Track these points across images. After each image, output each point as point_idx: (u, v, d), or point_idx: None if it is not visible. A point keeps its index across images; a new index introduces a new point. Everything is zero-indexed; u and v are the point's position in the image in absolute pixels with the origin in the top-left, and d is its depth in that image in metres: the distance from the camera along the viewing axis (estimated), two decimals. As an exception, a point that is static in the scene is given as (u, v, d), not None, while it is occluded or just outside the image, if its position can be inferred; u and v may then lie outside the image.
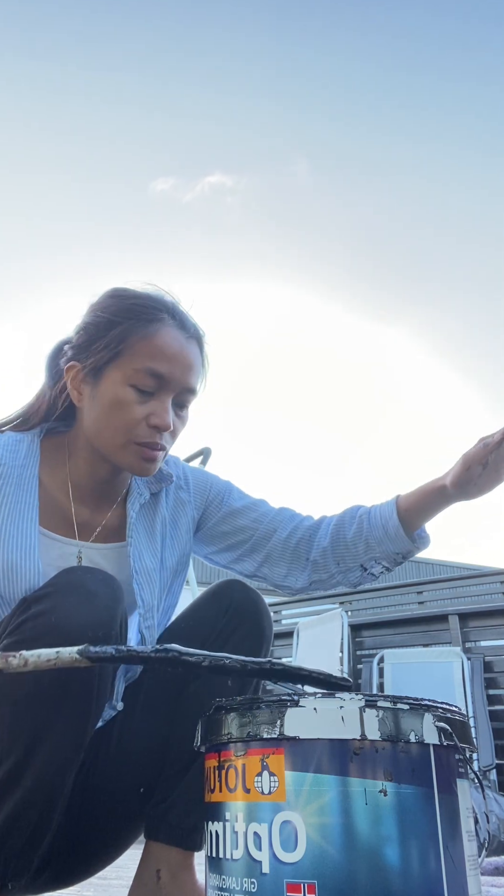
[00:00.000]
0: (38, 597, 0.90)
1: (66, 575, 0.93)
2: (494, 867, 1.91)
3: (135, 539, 1.12)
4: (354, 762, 0.70)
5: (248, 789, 0.74)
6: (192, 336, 1.09)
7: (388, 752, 0.71)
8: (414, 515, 1.13)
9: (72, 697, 0.85)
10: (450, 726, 0.75)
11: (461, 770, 0.76)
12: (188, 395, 1.08)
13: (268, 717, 0.74)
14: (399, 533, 1.13)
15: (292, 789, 0.71)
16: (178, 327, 1.07)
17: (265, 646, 1.11)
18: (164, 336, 1.04)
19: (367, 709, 0.72)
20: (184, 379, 1.06)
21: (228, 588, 1.13)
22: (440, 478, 1.10)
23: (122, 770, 1.06)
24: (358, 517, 1.18)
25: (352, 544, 1.17)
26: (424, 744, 0.72)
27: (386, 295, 32.41)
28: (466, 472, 1.04)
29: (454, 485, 1.06)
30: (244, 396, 25.07)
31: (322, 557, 1.18)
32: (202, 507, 1.23)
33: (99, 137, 26.58)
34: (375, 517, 1.16)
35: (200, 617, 1.12)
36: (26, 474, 1.05)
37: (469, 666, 4.32)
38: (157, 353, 1.03)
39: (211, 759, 0.81)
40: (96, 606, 0.88)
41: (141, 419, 1.03)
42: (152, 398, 1.04)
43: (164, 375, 1.03)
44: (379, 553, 1.15)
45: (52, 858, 0.96)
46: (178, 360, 1.04)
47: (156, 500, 1.19)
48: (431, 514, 1.14)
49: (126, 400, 1.02)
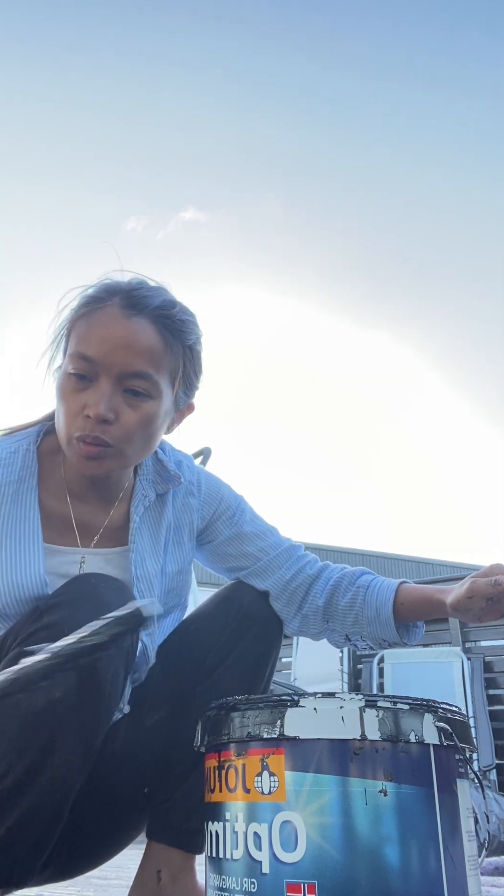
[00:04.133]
0: (51, 606, 0.89)
1: (79, 583, 0.91)
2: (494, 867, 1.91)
3: (137, 544, 1.08)
4: (354, 762, 0.70)
5: (248, 789, 0.74)
6: (144, 314, 0.97)
7: (389, 752, 0.71)
8: (408, 612, 1.11)
9: (84, 706, 0.85)
10: (450, 726, 0.75)
11: (461, 770, 0.76)
12: (134, 380, 0.95)
13: (268, 717, 0.74)
14: (390, 623, 1.10)
15: (292, 789, 0.71)
16: (124, 307, 0.97)
17: (274, 652, 1.10)
18: (98, 316, 0.96)
19: (367, 709, 0.72)
20: (121, 361, 0.94)
21: (238, 592, 1.12)
22: (443, 591, 1.06)
23: (126, 771, 1.06)
24: (356, 587, 1.14)
25: (342, 614, 1.14)
26: (424, 744, 0.72)
27: (363, 319, 32.79)
28: (469, 601, 1.00)
29: (454, 607, 1.03)
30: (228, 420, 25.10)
31: (314, 614, 1.16)
32: (208, 517, 1.18)
33: (70, 178, 26.86)
34: (372, 596, 1.12)
35: (208, 621, 1.11)
36: (23, 489, 1.02)
37: (469, 666, 4.32)
38: (88, 334, 0.95)
39: (211, 759, 0.81)
40: None
41: (78, 410, 0.94)
42: (90, 386, 0.95)
43: (93, 358, 0.94)
44: (366, 632, 1.13)
45: (54, 856, 0.96)
46: (111, 339, 0.94)
47: (162, 501, 1.14)
48: (425, 618, 1.12)
49: (65, 390, 0.96)
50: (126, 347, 0.95)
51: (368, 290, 32.85)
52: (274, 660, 1.11)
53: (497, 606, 1.00)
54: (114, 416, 0.94)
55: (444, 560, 17.06)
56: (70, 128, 25.37)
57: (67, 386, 0.96)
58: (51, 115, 25.20)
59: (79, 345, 0.95)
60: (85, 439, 0.94)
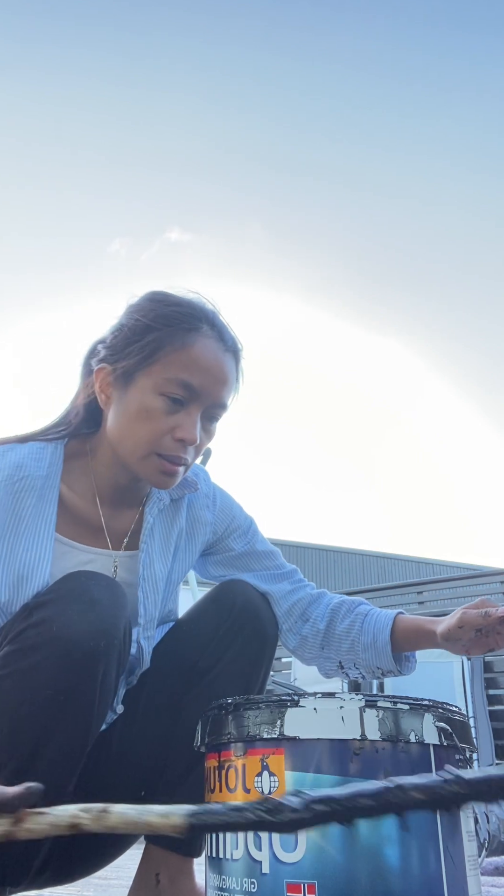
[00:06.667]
0: (40, 603, 0.89)
1: (69, 581, 0.91)
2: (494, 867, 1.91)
3: (148, 545, 1.09)
4: (354, 762, 0.70)
5: (248, 789, 0.74)
6: (230, 349, 1.05)
7: (389, 753, 0.71)
8: (403, 641, 1.12)
9: (74, 704, 0.85)
10: (450, 726, 0.75)
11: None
12: (218, 409, 1.04)
13: (268, 717, 0.74)
14: (386, 649, 1.11)
15: (292, 789, 0.71)
16: (216, 339, 1.03)
17: (268, 651, 1.10)
18: (200, 347, 1.01)
19: (367, 709, 0.72)
20: (216, 393, 1.02)
21: (230, 591, 1.11)
22: (434, 621, 1.09)
23: (122, 773, 1.05)
24: (354, 613, 1.16)
25: (338, 639, 1.15)
26: (424, 744, 0.72)
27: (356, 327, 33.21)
28: (459, 630, 1.03)
29: (443, 637, 1.05)
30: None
31: (313, 637, 1.17)
32: (220, 532, 1.20)
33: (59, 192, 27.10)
34: (370, 623, 1.13)
35: (201, 621, 1.10)
36: (48, 485, 1.03)
37: (469, 666, 4.32)
38: (191, 364, 0.99)
39: (211, 759, 0.81)
40: (99, 615, 0.86)
41: (167, 431, 0.99)
42: (181, 410, 1.00)
43: (195, 388, 0.99)
44: (361, 659, 1.13)
45: (51, 860, 0.96)
46: (212, 373, 1.01)
47: (176, 507, 1.15)
48: (417, 647, 1.13)
49: (154, 409, 0.99)
50: (222, 383, 1.03)
51: (357, 303, 33.74)
52: (269, 658, 1.10)
53: (485, 640, 1.03)
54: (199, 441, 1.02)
55: (444, 560, 17.05)
56: (57, 146, 25.73)
57: (158, 406, 0.99)
58: (38, 137, 25.59)
59: (182, 371, 0.99)
60: (173, 460, 1.00)
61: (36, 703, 0.82)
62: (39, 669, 0.83)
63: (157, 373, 0.99)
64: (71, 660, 0.83)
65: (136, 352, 1.01)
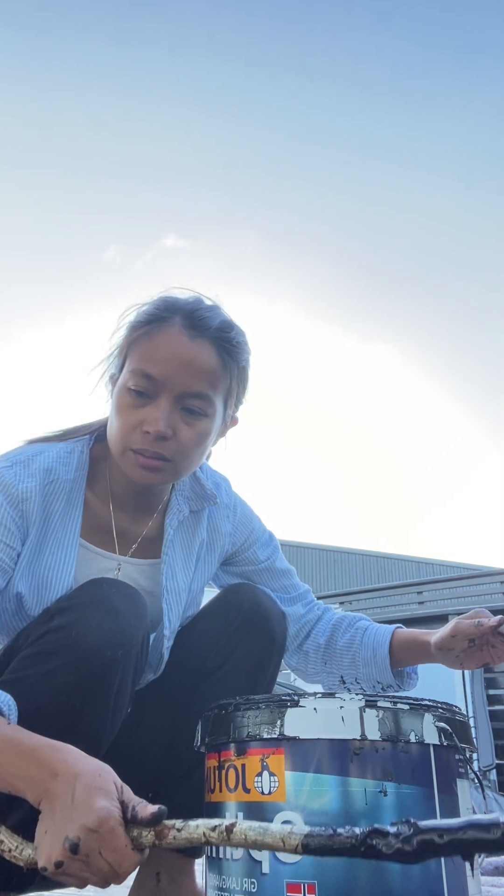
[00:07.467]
0: (61, 609, 0.89)
1: (91, 588, 0.91)
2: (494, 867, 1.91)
3: (170, 556, 1.09)
4: (354, 762, 0.70)
5: (248, 789, 0.74)
6: (205, 336, 1.00)
7: (389, 752, 0.71)
8: (401, 655, 1.13)
9: (88, 711, 0.85)
10: (450, 726, 0.75)
11: (461, 770, 0.76)
12: (193, 400, 0.98)
13: (268, 717, 0.74)
14: (385, 663, 1.11)
15: (292, 789, 0.71)
16: (186, 327, 0.99)
17: (275, 656, 1.09)
18: (161, 336, 0.98)
19: (367, 709, 0.72)
20: (182, 381, 0.97)
21: (237, 594, 1.11)
22: (430, 633, 1.09)
23: (129, 773, 1.05)
24: (355, 627, 1.16)
25: (339, 653, 1.16)
26: (424, 744, 0.72)
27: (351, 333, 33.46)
28: (452, 640, 1.03)
29: (437, 647, 1.05)
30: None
31: (314, 652, 1.18)
32: (239, 543, 1.19)
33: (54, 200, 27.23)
34: (370, 637, 1.13)
35: (209, 623, 1.10)
36: (76, 488, 1.03)
37: (469, 666, 4.32)
38: (151, 353, 0.98)
39: (211, 759, 0.81)
40: (118, 624, 0.86)
41: (136, 425, 0.97)
42: (149, 403, 0.97)
43: (156, 377, 0.96)
44: (362, 673, 1.14)
45: None
46: (174, 361, 0.97)
47: (196, 518, 1.14)
48: (414, 661, 1.13)
49: (123, 405, 0.98)
50: (188, 368, 0.97)
51: (351, 310, 34.05)
52: (277, 660, 1.10)
53: (479, 653, 1.03)
54: (171, 433, 0.97)
55: (444, 560, 17.05)
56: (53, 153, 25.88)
57: (126, 401, 0.98)
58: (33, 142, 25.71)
59: (141, 362, 0.97)
60: (143, 453, 0.97)
61: (51, 708, 0.82)
62: (56, 675, 0.84)
63: (126, 368, 1.00)
64: (88, 668, 0.83)
65: (115, 353, 1.03)
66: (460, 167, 30.18)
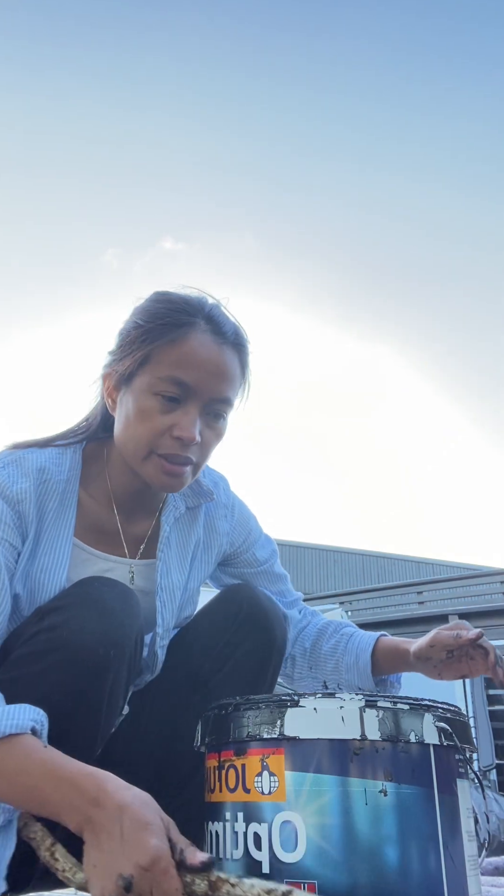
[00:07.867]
0: (52, 608, 0.89)
1: (82, 587, 0.91)
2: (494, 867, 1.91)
3: (165, 554, 1.08)
4: (354, 762, 0.70)
5: (248, 789, 0.74)
6: (228, 342, 1.01)
7: (389, 752, 0.71)
8: (382, 662, 1.13)
9: (82, 710, 0.84)
10: (450, 726, 0.75)
11: (461, 770, 0.76)
12: (220, 405, 1.00)
13: (268, 716, 0.74)
14: (367, 670, 1.11)
15: (292, 789, 0.71)
16: (212, 332, 1.00)
17: (276, 656, 1.09)
18: (191, 342, 0.98)
19: (367, 709, 0.72)
20: (213, 388, 0.98)
21: (237, 594, 1.11)
22: (410, 642, 1.10)
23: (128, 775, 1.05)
24: (339, 634, 1.17)
25: (324, 658, 1.17)
26: (424, 744, 0.72)
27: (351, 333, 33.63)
28: (430, 650, 1.04)
29: (416, 656, 1.06)
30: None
31: (301, 656, 1.19)
32: (237, 544, 1.19)
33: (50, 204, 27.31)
34: (353, 644, 1.14)
35: (208, 625, 1.10)
36: (68, 489, 1.02)
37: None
38: (182, 359, 0.97)
39: (211, 759, 0.81)
40: (111, 622, 0.86)
41: (164, 430, 0.96)
42: (178, 408, 0.97)
43: (188, 384, 0.96)
44: (344, 679, 1.14)
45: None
46: (206, 367, 0.97)
47: (193, 515, 1.14)
48: (396, 669, 1.14)
49: (150, 409, 0.97)
50: (219, 376, 0.99)
51: (348, 313, 34.30)
52: (277, 661, 1.09)
53: (457, 665, 1.04)
54: (200, 438, 0.98)
55: (444, 560, 17.05)
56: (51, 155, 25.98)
57: (152, 405, 0.97)
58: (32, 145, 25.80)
59: (172, 369, 0.97)
60: (173, 459, 0.97)
61: (44, 708, 0.82)
62: (49, 674, 0.83)
63: (151, 372, 0.98)
64: (81, 666, 0.83)
65: (132, 353, 1.00)
66: (459, 169, 30.32)
